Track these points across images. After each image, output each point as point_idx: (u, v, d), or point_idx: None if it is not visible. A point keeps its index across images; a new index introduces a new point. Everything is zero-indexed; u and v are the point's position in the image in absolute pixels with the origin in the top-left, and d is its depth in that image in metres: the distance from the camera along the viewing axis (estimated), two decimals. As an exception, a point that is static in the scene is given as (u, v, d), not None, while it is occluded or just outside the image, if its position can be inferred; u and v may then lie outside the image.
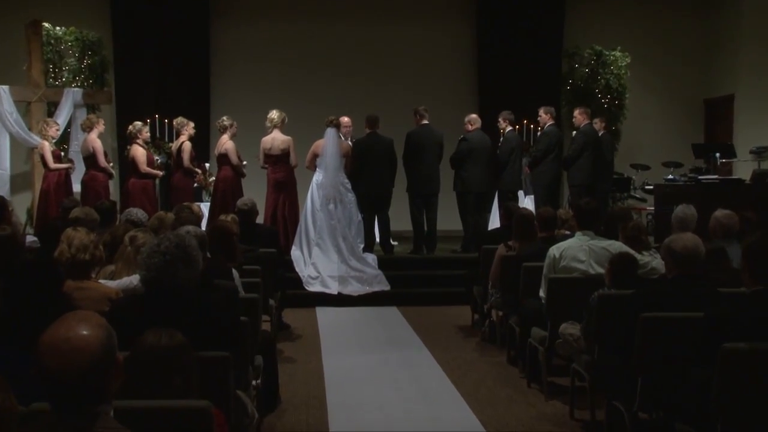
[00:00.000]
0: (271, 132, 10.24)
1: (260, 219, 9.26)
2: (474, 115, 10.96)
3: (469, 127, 10.73)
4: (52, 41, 12.39)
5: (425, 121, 10.61)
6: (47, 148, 10.59)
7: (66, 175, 10.71)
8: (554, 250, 5.85)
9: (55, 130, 10.83)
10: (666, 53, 14.38)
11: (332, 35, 13.92)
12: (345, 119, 11.11)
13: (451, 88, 14.06)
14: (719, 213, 6.21)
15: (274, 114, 10.26)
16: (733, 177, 11.17)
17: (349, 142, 10.68)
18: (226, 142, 10.38)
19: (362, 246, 10.10)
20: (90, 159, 10.46)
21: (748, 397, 3.54)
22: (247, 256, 6.53)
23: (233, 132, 10.48)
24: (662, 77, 14.41)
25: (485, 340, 7.69)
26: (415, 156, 10.43)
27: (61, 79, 12.37)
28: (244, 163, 10.65)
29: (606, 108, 13.38)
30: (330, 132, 10.05)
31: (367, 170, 10.28)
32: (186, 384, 2.79)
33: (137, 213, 6.77)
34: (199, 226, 6.02)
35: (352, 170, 10.20)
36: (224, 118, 10.56)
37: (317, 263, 9.78)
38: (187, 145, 10.71)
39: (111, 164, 10.91)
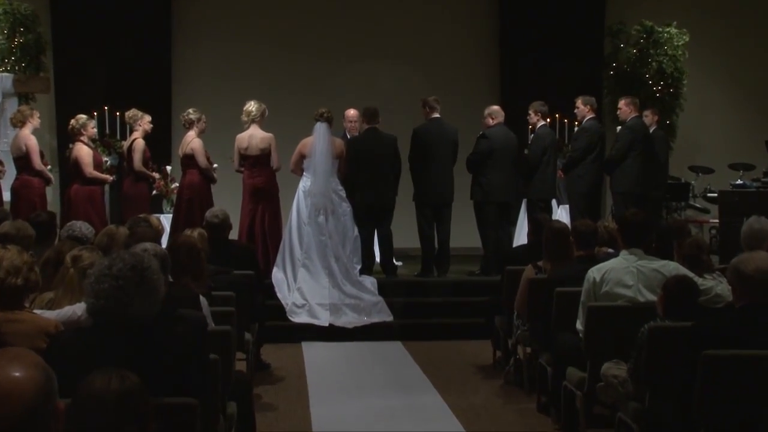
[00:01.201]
0: (249, 128, 10.25)
1: (234, 234, 9.26)
2: (496, 107, 11.00)
3: (490, 122, 10.76)
4: (-26, 15, 12.39)
5: (436, 115, 10.65)
6: (-29, 147, 10.60)
7: (-7, 180, 10.72)
8: (594, 273, 5.85)
9: (-20, 125, 10.85)
10: (732, 30, 14.39)
11: (324, 10, 13.96)
12: (351, 112, 11.14)
13: (468, 73, 14.11)
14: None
15: (252, 106, 10.27)
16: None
17: (343, 141, 10.71)
18: (192, 140, 10.41)
19: (359, 267, 10.11)
20: (22, 160, 10.45)
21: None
22: (218, 280, 6.53)
23: (201, 128, 10.52)
24: (728, 59, 14.41)
25: (510, 383, 7.67)
26: (424, 157, 10.47)
27: (-13, 62, 12.38)
28: (215, 165, 10.68)
29: (658, 98, 13.40)
30: (320, 128, 10.07)
31: (365, 174, 10.32)
32: (142, 437, 2.79)
33: (82, 227, 6.77)
34: (159, 243, 6.01)
35: (347, 174, 10.24)
36: (190, 110, 10.59)
37: (304, 288, 9.78)
38: (140, 144, 10.71)
39: (48, 167, 10.90)
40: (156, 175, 11.14)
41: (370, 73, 13.78)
